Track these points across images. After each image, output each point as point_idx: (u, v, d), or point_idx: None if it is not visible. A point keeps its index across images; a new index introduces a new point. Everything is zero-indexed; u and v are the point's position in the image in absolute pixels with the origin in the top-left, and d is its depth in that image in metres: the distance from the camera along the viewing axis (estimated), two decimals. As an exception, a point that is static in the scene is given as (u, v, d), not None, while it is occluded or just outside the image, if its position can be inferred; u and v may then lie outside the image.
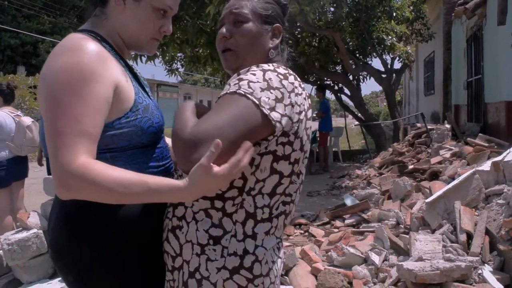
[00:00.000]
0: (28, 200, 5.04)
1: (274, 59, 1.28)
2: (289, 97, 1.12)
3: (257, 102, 1.06)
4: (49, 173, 4.53)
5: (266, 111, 1.06)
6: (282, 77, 1.13)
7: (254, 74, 1.11)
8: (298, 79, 1.20)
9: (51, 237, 1.24)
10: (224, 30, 1.27)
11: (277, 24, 1.30)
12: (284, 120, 1.10)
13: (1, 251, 3.32)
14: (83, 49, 1.10)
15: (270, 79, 1.11)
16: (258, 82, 1.09)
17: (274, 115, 1.08)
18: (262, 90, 1.08)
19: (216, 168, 0.98)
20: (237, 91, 1.08)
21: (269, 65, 1.16)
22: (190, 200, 1.13)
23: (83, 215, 1.17)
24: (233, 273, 1.12)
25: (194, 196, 1.05)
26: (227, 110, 1.06)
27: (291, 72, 1.18)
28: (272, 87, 1.10)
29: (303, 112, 1.17)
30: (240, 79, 1.11)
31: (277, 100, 1.09)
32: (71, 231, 1.18)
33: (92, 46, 1.12)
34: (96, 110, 1.07)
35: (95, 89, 1.07)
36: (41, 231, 3.32)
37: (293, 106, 1.13)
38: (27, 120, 4.23)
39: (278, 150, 1.13)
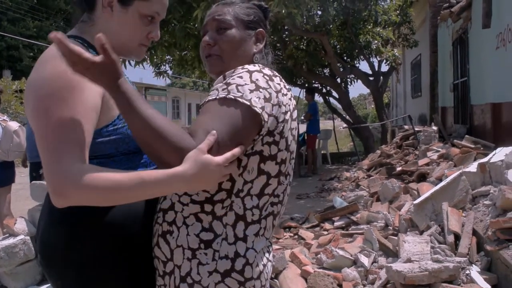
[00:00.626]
0: (15, 206, 4.98)
1: (259, 63, 1.29)
2: (277, 97, 1.14)
3: (248, 104, 1.07)
4: (31, 179, 4.49)
5: (258, 110, 1.08)
6: (268, 78, 1.15)
7: (241, 77, 1.12)
8: (283, 80, 1.22)
9: (40, 243, 1.23)
10: (207, 37, 1.28)
11: (260, 29, 1.32)
12: (270, 120, 1.12)
13: (-13, 258, 3.27)
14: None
15: (257, 79, 1.13)
16: (246, 84, 1.10)
17: (264, 115, 1.10)
18: (251, 91, 1.10)
19: (214, 156, 1.01)
20: (227, 97, 1.08)
21: (254, 66, 1.18)
22: (188, 190, 1.12)
23: (73, 220, 1.16)
24: (224, 276, 1.12)
25: (191, 184, 1.04)
26: (222, 117, 1.06)
27: (276, 74, 1.20)
28: (260, 87, 1.12)
29: (289, 112, 1.19)
30: (228, 84, 1.11)
31: (266, 99, 1.11)
32: (61, 237, 1.18)
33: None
34: (85, 117, 1.06)
35: (83, 97, 1.06)
36: (28, 238, 3.28)
37: (279, 106, 1.14)
38: (13, 125, 4.19)
39: (265, 150, 1.15)
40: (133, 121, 1.01)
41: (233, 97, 1.08)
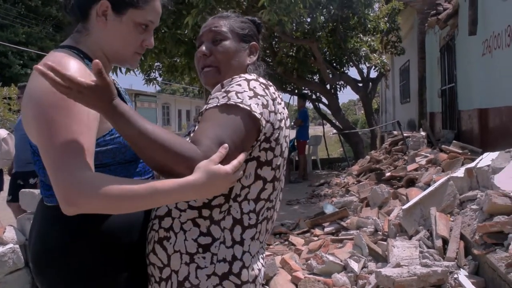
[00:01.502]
0: (3, 214, 4.93)
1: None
2: (273, 104, 1.19)
3: (248, 109, 1.11)
4: (15, 188, 4.42)
5: (258, 115, 1.12)
6: (264, 86, 1.20)
7: (240, 85, 1.16)
8: (277, 90, 1.26)
9: (33, 250, 1.23)
10: (203, 48, 1.32)
11: (254, 42, 1.37)
12: (268, 126, 1.17)
13: (-25, 266, 3.24)
14: (66, 67, 1.09)
15: (254, 87, 1.17)
16: (245, 91, 1.14)
17: (262, 120, 1.14)
18: (250, 98, 1.14)
19: (224, 166, 1.04)
20: (228, 103, 1.12)
21: (250, 75, 1.23)
22: (198, 198, 1.13)
23: (67, 229, 1.17)
24: (222, 279, 1.14)
25: (202, 193, 1.06)
26: (225, 124, 1.09)
27: (270, 83, 1.25)
28: (258, 94, 1.16)
29: (283, 120, 1.23)
30: (227, 91, 1.15)
31: (263, 106, 1.15)
32: (54, 245, 1.18)
33: (74, 64, 1.12)
34: (89, 126, 1.08)
35: (84, 107, 1.07)
36: (17, 246, 3.25)
37: (275, 113, 1.19)
38: (2, 133, 4.16)
39: (261, 156, 1.18)
40: (136, 140, 1.02)
41: (233, 103, 1.11)
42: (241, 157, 1.08)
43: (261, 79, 1.22)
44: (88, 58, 1.22)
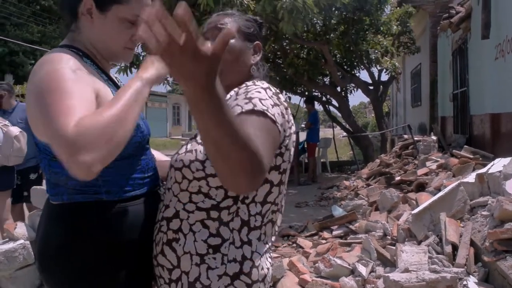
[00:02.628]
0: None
1: (254, 75, 1.33)
2: (286, 113, 1.20)
3: (274, 119, 1.11)
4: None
5: (279, 127, 1.13)
6: (276, 95, 1.20)
7: (259, 92, 1.15)
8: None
9: (38, 248, 1.24)
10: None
11: (257, 42, 1.36)
12: (283, 135, 1.18)
13: (-14, 262, 3.28)
14: (62, 60, 1.12)
15: (272, 96, 1.17)
16: (266, 99, 1.14)
17: (282, 131, 1.15)
18: (273, 106, 1.13)
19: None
20: (255, 109, 1.09)
21: (262, 83, 1.22)
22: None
23: (71, 227, 1.18)
24: (233, 279, 1.15)
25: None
26: (259, 128, 1.05)
27: (278, 91, 1.25)
28: (276, 103, 1.16)
29: (292, 127, 1.24)
30: (250, 98, 1.12)
31: (282, 115, 1.16)
32: (58, 243, 1.20)
33: (71, 59, 1.14)
34: (85, 100, 1.04)
35: (79, 86, 1.06)
36: (28, 242, 3.28)
37: (288, 122, 1.20)
38: (15, 130, 4.20)
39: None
40: (219, 129, 0.83)
41: (261, 109, 1.09)
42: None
43: (272, 88, 1.22)
44: (86, 56, 1.23)
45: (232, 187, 0.97)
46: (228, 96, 1.20)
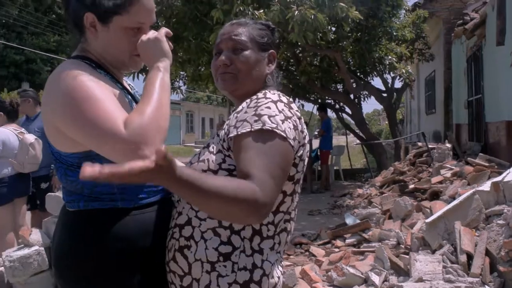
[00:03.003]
0: (28, 216, 5.03)
1: (269, 84, 1.33)
2: (300, 123, 1.19)
3: (284, 135, 1.11)
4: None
5: (292, 142, 1.13)
6: (288, 106, 1.19)
7: (269, 107, 1.15)
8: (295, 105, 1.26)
9: (54, 254, 1.27)
10: (224, 57, 1.30)
11: (272, 51, 1.36)
12: (297, 146, 1.18)
13: (2, 268, 3.33)
14: (79, 70, 1.16)
15: (282, 109, 1.16)
16: (276, 115, 1.13)
17: (295, 144, 1.15)
18: (283, 121, 1.13)
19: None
20: (264, 128, 1.10)
21: (273, 94, 1.21)
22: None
23: (86, 234, 1.20)
24: (243, 287, 1.15)
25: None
26: (268, 152, 1.08)
27: (291, 99, 1.24)
28: (288, 117, 1.16)
29: (306, 137, 1.24)
30: (259, 115, 1.13)
31: (294, 128, 1.16)
32: (74, 250, 1.21)
33: (86, 69, 1.18)
34: (116, 102, 1.15)
35: (105, 92, 1.14)
36: (42, 248, 3.32)
37: (302, 132, 1.20)
38: (30, 138, 4.27)
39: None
40: (204, 202, 0.99)
41: (270, 128, 1.10)
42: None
43: (283, 98, 1.21)
44: (99, 67, 1.26)
45: (240, 224, 1.16)
46: (240, 108, 1.21)
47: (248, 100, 1.21)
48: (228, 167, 1.17)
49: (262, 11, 5.63)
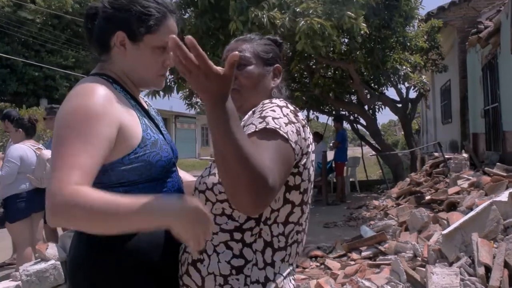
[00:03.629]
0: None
1: (275, 97, 1.33)
2: (303, 131, 1.20)
3: (286, 137, 1.12)
4: None
5: (293, 145, 1.13)
6: (293, 113, 1.20)
7: (274, 111, 1.16)
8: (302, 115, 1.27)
9: (69, 269, 1.29)
10: None
11: (277, 65, 1.38)
12: (300, 153, 1.18)
13: (19, 282, 3.37)
14: (91, 92, 1.17)
15: (287, 114, 1.18)
16: (280, 117, 1.15)
17: (297, 148, 1.15)
18: (286, 124, 1.14)
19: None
20: (267, 127, 1.11)
21: (280, 101, 1.22)
22: (175, 223, 1.02)
23: (95, 245, 1.22)
24: None
25: (180, 221, 1.01)
26: (269, 148, 1.07)
27: (297, 109, 1.25)
28: (291, 121, 1.16)
29: (310, 146, 1.24)
30: (264, 117, 1.15)
31: (297, 133, 1.16)
32: (88, 266, 1.24)
33: (100, 89, 1.19)
34: (94, 147, 1.11)
35: (97, 128, 1.12)
36: (58, 263, 3.36)
37: (305, 139, 1.20)
38: (47, 153, 4.34)
39: (290, 181, 1.19)
40: (228, 145, 0.95)
41: (273, 128, 1.11)
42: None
43: (290, 105, 1.23)
44: (116, 83, 1.29)
45: (237, 205, 1.02)
46: (246, 116, 1.23)
47: (255, 109, 1.23)
48: None
49: (276, 10, 5.65)
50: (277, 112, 1.16)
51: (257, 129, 1.12)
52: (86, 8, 1.36)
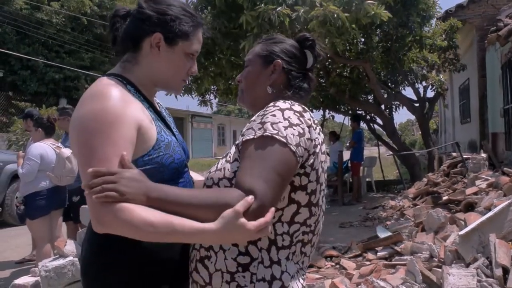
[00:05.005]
0: (64, 228, 5.18)
1: (277, 94, 1.36)
2: (309, 131, 1.21)
3: (284, 141, 1.14)
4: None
5: (293, 148, 1.14)
6: (298, 114, 1.21)
7: (274, 115, 1.19)
8: (312, 115, 1.27)
9: (81, 270, 1.33)
10: (238, 76, 1.45)
11: (277, 60, 1.38)
12: (304, 154, 1.19)
13: (39, 277, 3.44)
14: (107, 95, 1.20)
15: (289, 117, 1.19)
16: (280, 122, 1.17)
17: (299, 150, 1.16)
18: (286, 128, 1.16)
19: (248, 222, 1.05)
20: (264, 134, 1.15)
21: (285, 103, 1.24)
22: (214, 244, 1.19)
23: (113, 244, 1.24)
24: None
25: (219, 241, 1.13)
26: (267, 157, 1.13)
27: (306, 109, 1.26)
28: (293, 124, 1.18)
29: (319, 146, 1.24)
30: (263, 123, 1.18)
31: (300, 135, 1.17)
32: (98, 268, 1.27)
33: (115, 91, 1.22)
34: (122, 150, 1.15)
35: (121, 131, 1.16)
36: (76, 259, 3.42)
37: (311, 140, 1.21)
38: (66, 152, 4.42)
39: (295, 181, 1.20)
40: (183, 213, 1.09)
41: (269, 135, 1.15)
42: (269, 215, 1.08)
43: (296, 107, 1.23)
44: (131, 85, 1.31)
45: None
46: (253, 118, 1.26)
47: (259, 113, 1.26)
48: None
49: (285, 7, 5.58)
50: (277, 116, 1.18)
51: (255, 137, 1.16)
52: (115, 9, 1.40)
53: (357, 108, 11.21)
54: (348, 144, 9.92)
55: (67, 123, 5.03)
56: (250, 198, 1.06)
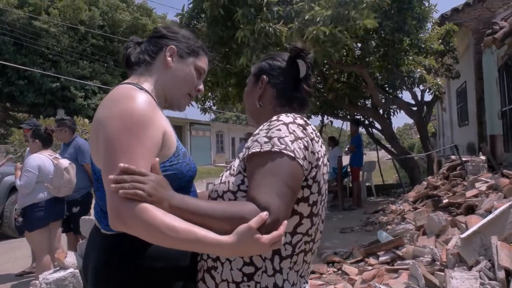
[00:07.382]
0: (64, 239, 5.16)
1: (268, 108, 1.40)
2: (312, 144, 1.23)
3: (292, 155, 1.16)
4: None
5: (301, 162, 1.17)
6: (302, 127, 1.24)
7: (280, 129, 1.21)
8: (314, 128, 1.30)
9: (93, 277, 1.30)
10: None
11: (262, 76, 1.44)
12: (309, 167, 1.22)
13: (39, 291, 3.42)
14: (136, 97, 1.23)
15: (294, 131, 1.21)
16: (286, 136, 1.19)
17: (305, 164, 1.19)
18: (292, 142, 1.19)
19: (262, 236, 1.07)
20: (273, 150, 1.17)
21: (287, 116, 1.26)
22: (229, 256, 1.20)
23: (127, 255, 1.24)
24: None
25: (235, 254, 1.14)
26: (277, 172, 1.15)
27: (308, 122, 1.28)
28: (298, 137, 1.20)
29: (321, 159, 1.27)
30: (270, 137, 1.20)
31: (305, 148, 1.20)
32: (112, 275, 1.26)
33: (143, 95, 1.25)
34: (150, 152, 1.18)
35: (150, 132, 1.19)
36: (77, 271, 3.40)
37: (314, 153, 1.24)
38: (64, 163, 4.41)
39: (298, 193, 1.22)
40: (201, 223, 1.10)
41: (278, 150, 1.17)
42: (282, 228, 1.10)
43: (298, 120, 1.25)
44: (148, 94, 1.32)
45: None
46: (256, 131, 1.27)
47: (262, 125, 1.28)
48: (246, 188, 1.21)
49: (282, 23, 5.66)
50: (283, 131, 1.20)
51: (261, 150, 1.18)
52: (133, 38, 1.51)
53: (355, 113, 11.23)
54: (347, 149, 9.91)
55: (64, 134, 5.03)
56: (265, 214, 1.07)
